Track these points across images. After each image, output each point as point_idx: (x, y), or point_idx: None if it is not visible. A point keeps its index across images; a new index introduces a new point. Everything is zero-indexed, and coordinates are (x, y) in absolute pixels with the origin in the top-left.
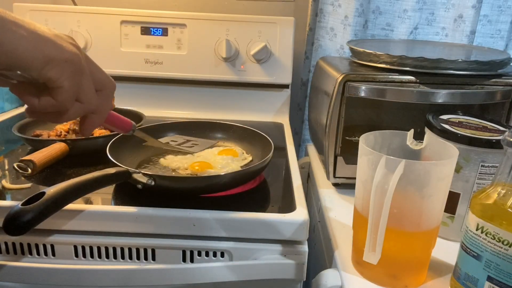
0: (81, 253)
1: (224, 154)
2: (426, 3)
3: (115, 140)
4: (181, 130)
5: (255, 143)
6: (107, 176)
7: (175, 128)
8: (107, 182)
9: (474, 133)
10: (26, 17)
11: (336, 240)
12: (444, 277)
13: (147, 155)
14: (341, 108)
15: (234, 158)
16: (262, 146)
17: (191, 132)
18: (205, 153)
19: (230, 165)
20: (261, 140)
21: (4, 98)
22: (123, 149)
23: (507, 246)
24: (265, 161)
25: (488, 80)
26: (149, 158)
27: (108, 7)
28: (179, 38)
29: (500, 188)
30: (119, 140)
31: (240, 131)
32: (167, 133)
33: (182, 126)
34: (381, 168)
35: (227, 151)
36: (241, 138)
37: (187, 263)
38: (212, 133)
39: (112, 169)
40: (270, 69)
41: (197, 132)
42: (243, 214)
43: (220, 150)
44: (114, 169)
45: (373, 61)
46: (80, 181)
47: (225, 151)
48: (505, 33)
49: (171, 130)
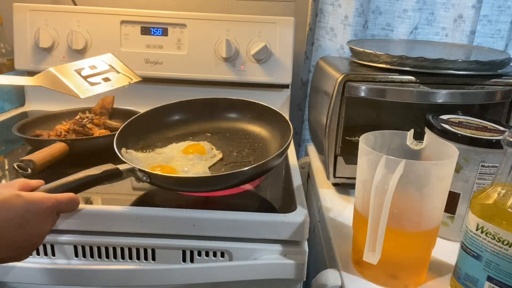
0: (81, 253)
1: (190, 151)
2: (426, 3)
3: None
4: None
5: (275, 125)
6: (95, 177)
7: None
8: (94, 183)
9: (474, 133)
10: (26, 17)
11: (336, 240)
12: (444, 277)
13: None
14: (341, 108)
15: (201, 156)
16: (281, 129)
17: (203, 112)
18: (169, 150)
19: (196, 167)
20: (280, 121)
21: (4, 98)
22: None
23: (507, 246)
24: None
25: (488, 80)
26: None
27: (108, 7)
28: (179, 38)
29: (500, 188)
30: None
31: (260, 109)
32: (176, 116)
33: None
34: (381, 168)
35: (193, 147)
36: (258, 118)
37: (187, 263)
38: (228, 113)
39: (99, 169)
40: (270, 69)
41: (211, 112)
42: (243, 214)
43: (186, 147)
44: (101, 169)
45: (373, 61)
46: (66, 182)
47: (192, 147)
48: (505, 33)
49: (180, 112)
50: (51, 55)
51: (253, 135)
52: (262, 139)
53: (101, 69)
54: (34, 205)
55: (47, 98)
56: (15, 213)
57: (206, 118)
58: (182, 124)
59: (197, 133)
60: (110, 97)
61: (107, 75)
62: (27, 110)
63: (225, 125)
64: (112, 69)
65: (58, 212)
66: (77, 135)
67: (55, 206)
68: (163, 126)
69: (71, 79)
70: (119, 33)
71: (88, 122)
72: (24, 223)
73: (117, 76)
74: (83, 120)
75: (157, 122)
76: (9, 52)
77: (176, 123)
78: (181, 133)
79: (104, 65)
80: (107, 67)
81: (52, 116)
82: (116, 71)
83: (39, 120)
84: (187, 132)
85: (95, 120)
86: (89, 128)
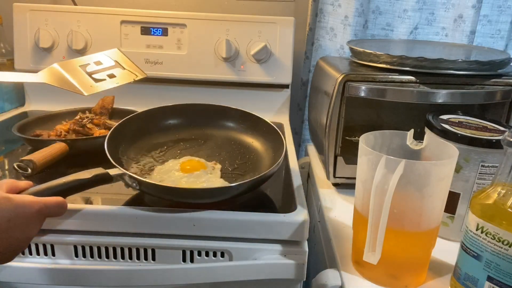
0: (81, 253)
1: (188, 168)
2: (426, 3)
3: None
4: (185, 116)
5: (268, 137)
6: (84, 181)
7: (180, 113)
8: (84, 187)
9: (474, 133)
10: (26, 17)
11: (336, 240)
12: (444, 277)
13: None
14: (341, 108)
15: (206, 171)
16: (273, 143)
17: (197, 118)
18: (166, 168)
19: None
20: (274, 135)
21: (4, 98)
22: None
23: (507, 246)
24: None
25: (488, 80)
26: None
27: (108, 7)
28: (179, 38)
29: (500, 188)
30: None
31: (254, 121)
32: (170, 120)
33: (188, 111)
34: (381, 168)
35: (191, 164)
36: (254, 129)
37: (187, 263)
38: (222, 121)
39: (89, 173)
40: (270, 69)
41: (205, 119)
42: (243, 214)
43: (182, 164)
44: (91, 173)
45: (373, 61)
46: (54, 185)
47: (189, 164)
48: (505, 33)
49: (175, 116)
50: (51, 55)
51: (245, 146)
52: (254, 151)
53: (107, 65)
54: (22, 209)
55: (47, 98)
56: (2, 216)
57: (200, 124)
58: (175, 129)
59: (189, 139)
60: (110, 97)
61: (112, 71)
62: (27, 110)
63: (217, 133)
64: (118, 65)
65: (45, 216)
66: (77, 135)
67: (43, 210)
68: (156, 130)
69: (75, 75)
70: (119, 33)
71: (88, 122)
72: (12, 227)
73: (123, 72)
74: (83, 120)
75: (150, 125)
76: (9, 52)
77: (169, 127)
78: (173, 138)
79: (110, 60)
80: (112, 63)
81: (52, 116)
82: (122, 67)
83: (39, 120)
84: (179, 137)
85: (95, 120)
86: (89, 128)
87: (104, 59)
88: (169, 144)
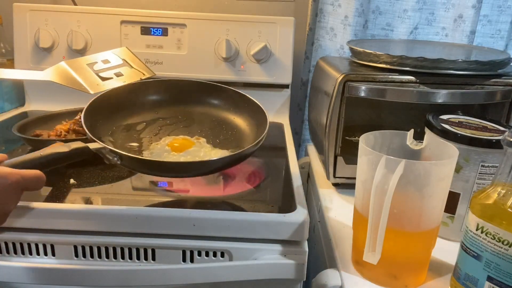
0: (81, 253)
1: (177, 147)
2: (426, 3)
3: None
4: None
5: (253, 115)
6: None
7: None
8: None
9: (474, 133)
10: (26, 17)
11: (336, 240)
12: (444, 277)
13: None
14: (341, 108)
15: (188, 151)
16: (258, 120)
17: (182, 96)
18: (156, 150)
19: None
20: (258, 113)
21: (4, 98)
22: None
23: (507, 246)
24: (257, 144)
25: (488, 80)
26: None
27: (108, 7)
28: (179, 38)
29: (500, 188)
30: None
31: (236, 97)
32: (152, 95)
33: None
34: (381, 168)
35: (180, 142)
36: (237, 106)
37: (187, 263)
38: (206, 97)
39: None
40: (270, 69)
41: (189, 96)
42: (243, 214)
43: (170, 142)
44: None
45: (373, 61)
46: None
47: (178, 142)
48: (505, 33)
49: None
50: (51, 55)
51: (227, 122)
52: (236, 127)
53: (114, 64)
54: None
55: (47, 98)
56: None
57: (181, 101)
58: (155, 105)
59: (169, 117)
60: None
61: (120, 69)
62: (27, 110)
63: (200, 110)
64: (126, 64)
65: (22, 189)
66: (77, 135)
67: (20, 182)
68: (135, 105)
69: (82, 74)
70: (119, 33)
71: None
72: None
73: (130, 71)
74: None
75: (130, 100)
76: (9, 52)
77: (149, 103)
78: (154, 117)
79: (118, 59)
80: (120, 61)
81: (52, 116)
82: (130, 65)
83: (39, 120)
84: (159, 115)
85: None
86: None
87: (112, 57)
88: (149, 121)
